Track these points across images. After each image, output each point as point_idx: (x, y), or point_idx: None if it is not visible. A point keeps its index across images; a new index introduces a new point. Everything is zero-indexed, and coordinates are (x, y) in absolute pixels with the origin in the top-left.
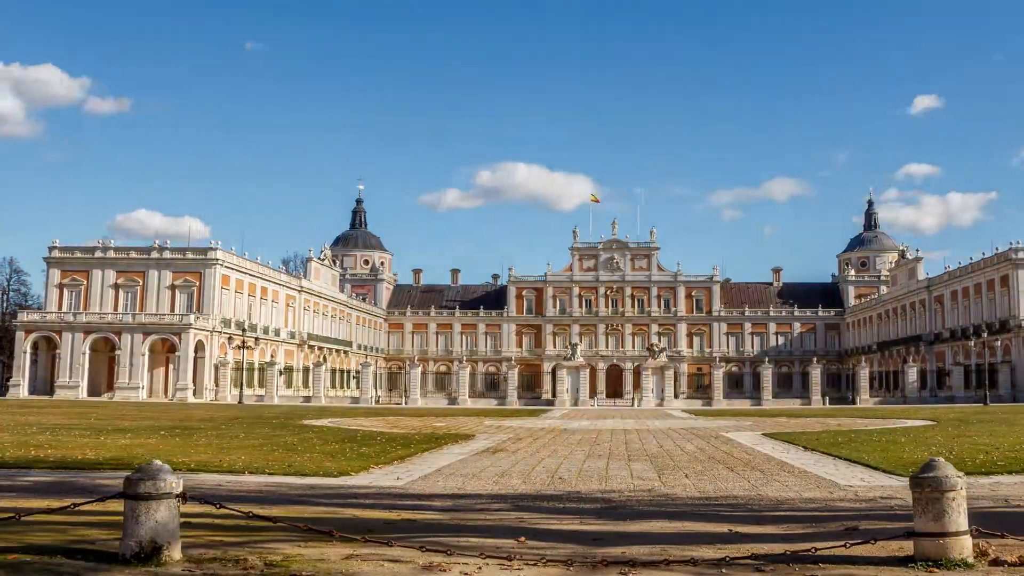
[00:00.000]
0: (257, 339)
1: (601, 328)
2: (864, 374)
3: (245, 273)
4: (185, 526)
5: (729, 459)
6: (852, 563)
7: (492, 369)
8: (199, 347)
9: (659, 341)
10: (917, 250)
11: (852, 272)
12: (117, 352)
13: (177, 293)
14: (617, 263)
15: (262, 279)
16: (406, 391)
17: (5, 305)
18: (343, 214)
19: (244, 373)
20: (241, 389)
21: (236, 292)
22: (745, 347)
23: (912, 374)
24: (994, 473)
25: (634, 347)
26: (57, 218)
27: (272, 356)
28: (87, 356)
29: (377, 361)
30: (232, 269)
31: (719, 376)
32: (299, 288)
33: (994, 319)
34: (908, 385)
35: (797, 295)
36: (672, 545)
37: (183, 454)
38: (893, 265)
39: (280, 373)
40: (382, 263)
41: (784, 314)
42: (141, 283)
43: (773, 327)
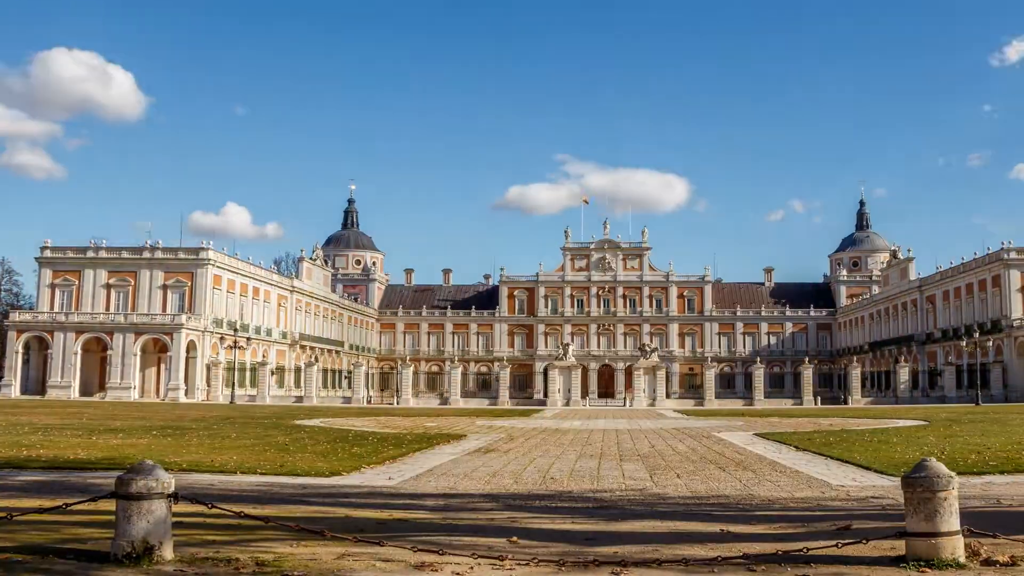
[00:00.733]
0: (249, 339)
1: (593, 328)
2: (856, 374)
3: (237, 273)
4: (177, 526)
5: (721, 459)
6: (844, 563)
7: (484, 369)
8: (191, 347)
9: (651, 341)
10: (909, 250)
11: (844, 272)
12: (109, 352)
13: (169, 293)
14: (609, 263)
15: (254, 279)
16: (398, 391)
17: None
18: (335, 214)
19: (236, 373)
20: (233, 389)
21: (228, 292)
22: (737, 347)
23: (904, 374)
24: (986, 473)
25: (626, 347)
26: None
27: (264, 356)
28: (79, 356)
29: (369, 361)
30: (224, 269)
31: (711, 376)
32: (291, 288)
33: (986, 319)
34: (900, 385)
35: (789, 295)
36: (664, 545)
37: (175, 454)
38: (885, 265)
39: (272, 373)
40: (374, 263)
41: (776, 314)
42: (133, 283)
43: (765, 327)
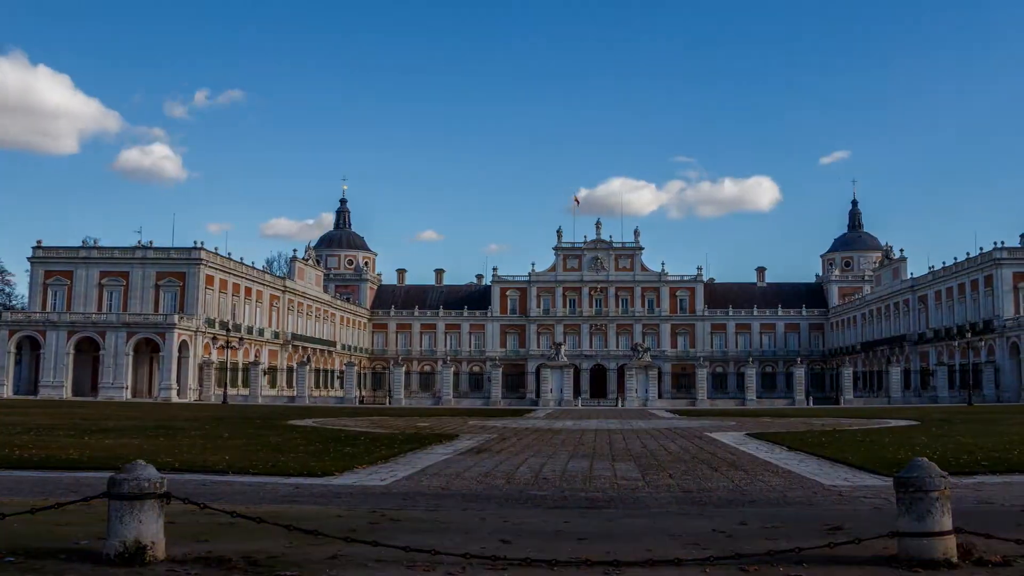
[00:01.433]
0: (241, 339)
1: (585, 328)
2: (848, 374)
3: (229, 273)
4: (169, 526)
5: (713, 459)
6: (836, 563)
7: (476, 369)
8: (183, 347)
9: (643, 341)
10: (902, 250)
11: (836, 272)
12: (101, 352)
13: (161, 293)
14: (601, 263)
15: (246, 279)
16: (390, 391)
17: None
18: (327, 214)
19: (228, 373)
20: (225, 389)
21: (220, 292)
22: (729, 347)
23: (896, 374)
24: (978, 473)
25: (618, 347)
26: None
27: (256, 356)
28: (71, 356)
29: (361, 361)
30: (216, 269)
31: (703, 376)
32: (283, 288)
33: (978, 319)
34: (892, 385)
35: (781, 295)
36: (656, 544)
37: (167, 454)
38: (877, 265)
39: (264, 373)
40: (366, 263)
41: (768, 314)
42: (125, 283)
43: (757, 327)
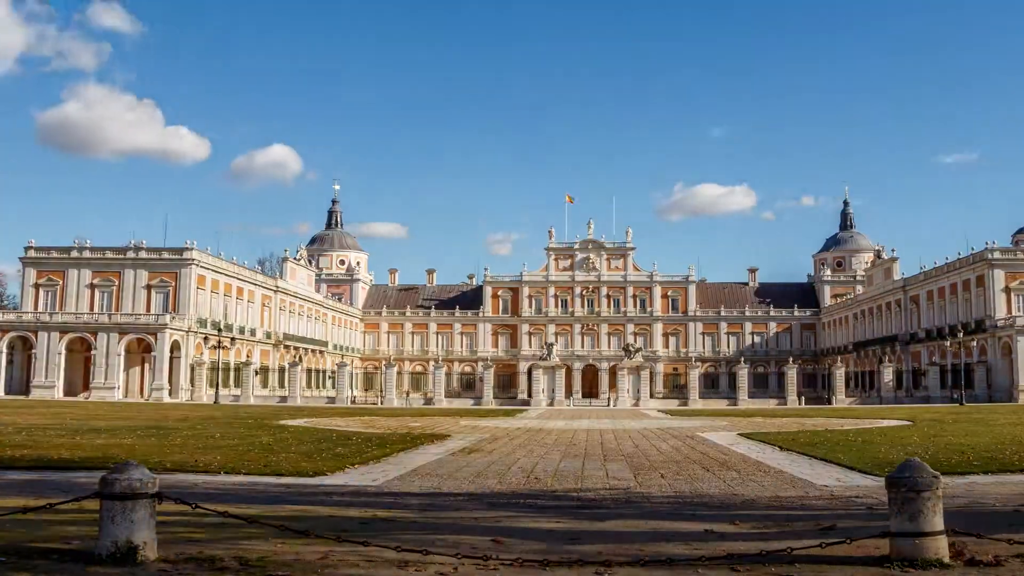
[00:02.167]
0: (233, 339)
1: (577, 328)
2: (840, 374)
3: (221, 273)
4: (161, 525)
5: (705, 459)
6: (828, 563)
7: (468, 369)
8: (175, 347)
9: (635, 341)
10: (893, 250)
11: (828, 272)
12: (93, 352)
13: (153, 293)
14: (593, 263)
15: (238, 279)
16: (382, 391)
17: None
18: (319, 214)
19: (220, 373)
20: (217, 389)
21: (212, 292)
22: (721, 347)
23: (888, 374)
24: (970, 473)
25: (610, 347)
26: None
27: (248, 356)
28: (63, 356)
29: (353, 361)
30: (208, 269)
31: (695, 376)
32: (275, 288)
33: (970, 319)
34: (884, 385)
35: (773, 295)
36: (648, 544)
37: (159, 454)
38: (869, 265)
39: (256, 373)
40: (358, 263)
41: (760, 314)
42: (117, 283)
43: (749, 327)
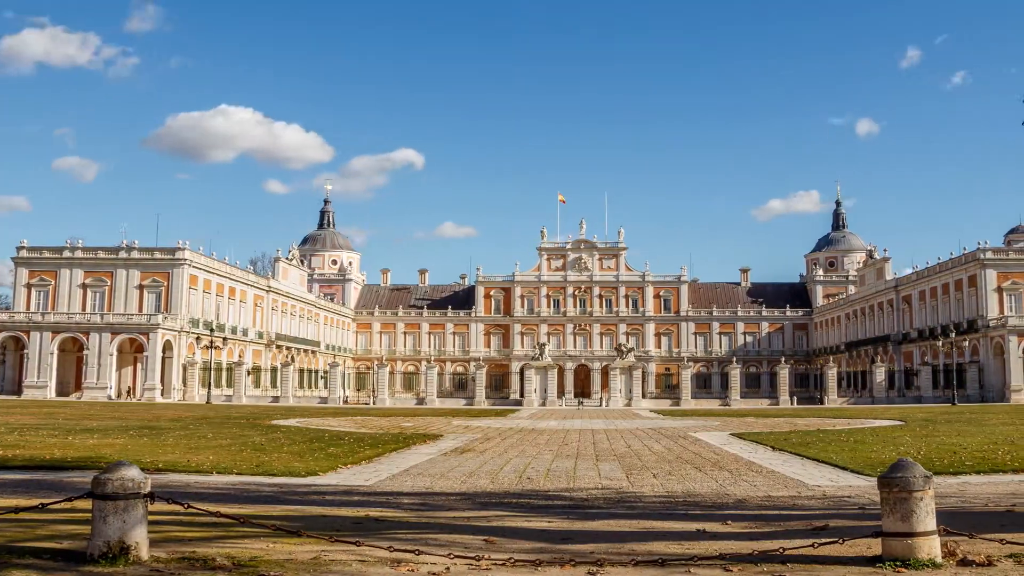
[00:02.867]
0: (225, 339)
1: (569, 328)
2: (832, 374)
3: (213, 273)
4: (153, 525)
5: (697, 459)
6: (820, 562)
7: (460, 369)
8: (167, 347)
9: (627, 341)
10: (885, 250)
11: (820, 272)
12: (85, 352)
13: (145, 293)
14: (585, 263)
15: (230, 279)
16: (374, 391)
17: None
18: (311, 214)
19: (212, 373)
20: (209, 389)
21: (204, 292)
22: (713, 347)
23: (880, 374)
24: (962, 473)
25: (602, 347)
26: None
27: (240, 356)
28: (55, 356)
29: (345, 361)
30: (200, 269)
31: (687, 376)
32: (267, 288)
33: (962, 319)
34: (876, 385)
35: (765, 295)
36: (640, 544)
37: (151, 454)
38: (861, 265)
39: (248, 373)
40: (350, 263)
41: (752, 314)
42: (109, 283)
43: (741, 327)
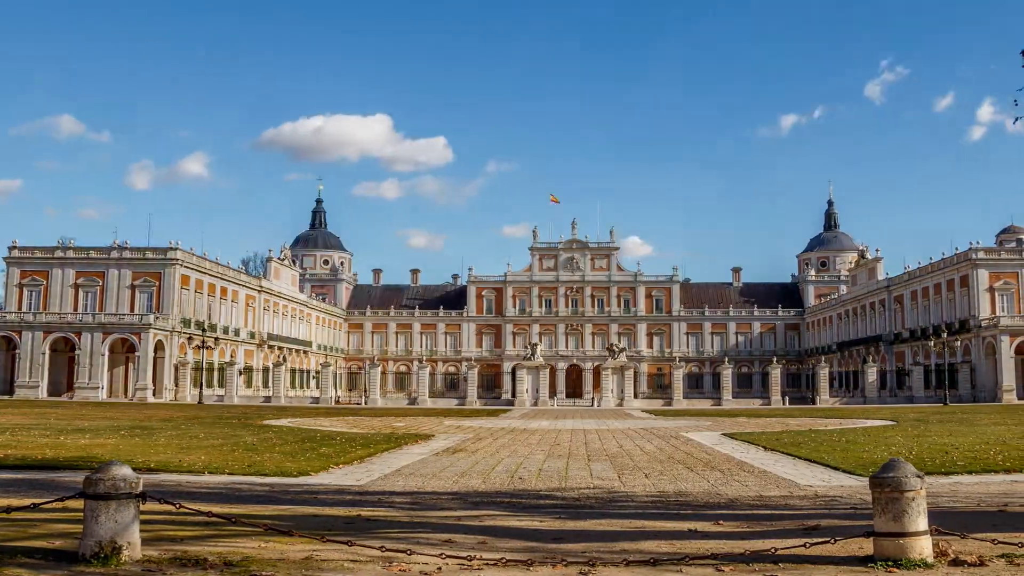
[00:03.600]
0: (217, 339)
1: (561, 328)
2: (824, 374)
3: (205, 273)
4: (145, 525)
5: (689, 459)
6: (812, 562)
7: (452, 369)
8: (159, 347)
9: (619, 341)
10: (877, 250)
11: (812, 272)
12: (77, 352)
13: (137, 293)
14: (577, 263)
15: (222, 279)
16: (366, 391)
17: None
18: (303, 214)
19: (204, 373)
20: (201, 389)
21: (196, 292)
22: (705, 347)
23: (872, 374)
24: (954, 473)
25: (594, 347)
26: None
27: (232, 356)
28: (47, 356)
29: (337, 361)
30: (192, 269)
31: (679, 376)
32: (259, 288)
33: (954, 319)
34: (868, 385)
35: (757, 295)
36: (632, 544)
37: (143, 454)
38: (853, 265)
39: (240, 373)
40: (342, 263)
41: (744, 314)
42: (101, 283)
43: (733, 327)
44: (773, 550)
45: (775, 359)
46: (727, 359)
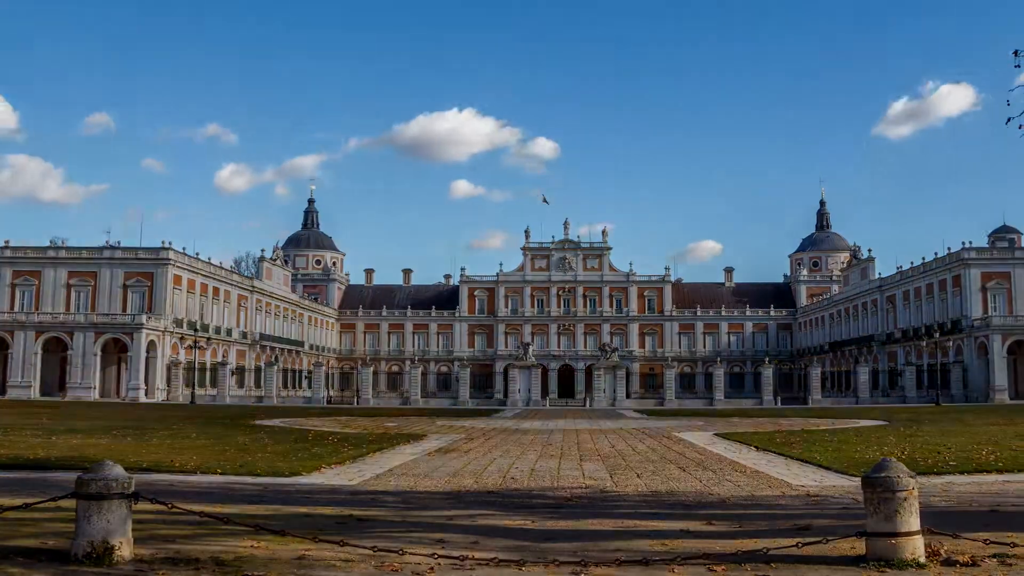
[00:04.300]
0: (209, 339)
1: (553, 328)
2: (816, 374)
3: (197, 273)
4: (137, 525)
5: (681, 459)
6: (804, 562)
7: (444, 369)
8: (151, 347)
9: (611, 341)
10: (870, 250)
11: (804, 272)
12: (69, 352)
13: (129, 293)
14: (569, 263)
15: (214, 279)
16: (358, 391)
17: None
18: (295, 214)
19: (196, 373)
20: (193, 389)
21: (188, 292)
22: (697, 347)
23: (864, 374)
24: (946, 473)
25: (586, 347)
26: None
27: (224, 356)
28: (39, 356)
29: (329, 361)
30: (184, 269)
31: (671, 376)
32: (251, 288)
33: (946, 319)
34: (860, 385)
35: (749, 295)
36: (624, 543)
37: (135, 454)
38: (845, 265)
39: (232, 373)
40: (334, 263)
41: (736, 314)
42: (93, 283)
43: (725, 327)
44: (765, 550)
45: (767, 359)
46: (719, 359)
